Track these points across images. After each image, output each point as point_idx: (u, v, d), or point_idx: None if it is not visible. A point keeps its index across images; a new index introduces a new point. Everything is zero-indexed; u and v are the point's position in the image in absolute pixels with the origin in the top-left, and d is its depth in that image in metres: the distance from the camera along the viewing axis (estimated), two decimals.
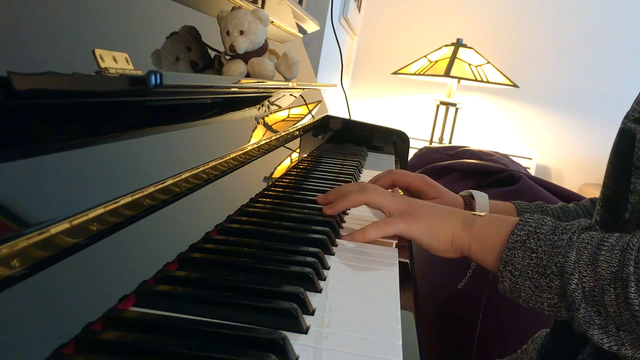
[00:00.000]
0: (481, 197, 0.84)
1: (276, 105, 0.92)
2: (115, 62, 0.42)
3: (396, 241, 0.63)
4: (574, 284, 0.50)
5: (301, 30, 1.28)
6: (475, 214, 0.62)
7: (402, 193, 0.88)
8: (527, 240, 0.54)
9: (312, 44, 1.78)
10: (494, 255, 0.57)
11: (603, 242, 0.51)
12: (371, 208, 0.75)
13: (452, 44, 2.66)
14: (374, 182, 0.84)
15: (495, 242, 0.57)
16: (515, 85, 2.63)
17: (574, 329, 0.53)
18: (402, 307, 0.45)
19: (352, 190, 0.66)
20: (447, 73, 2.54)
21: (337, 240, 0.60)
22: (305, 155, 1.08)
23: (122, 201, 0.38)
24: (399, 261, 0.57)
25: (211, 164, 0.55)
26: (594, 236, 0.53)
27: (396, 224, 0.61)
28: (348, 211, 0.74)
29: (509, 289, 0.55)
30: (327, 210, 0.65)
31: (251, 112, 0.76)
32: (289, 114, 1.00)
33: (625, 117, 0.67)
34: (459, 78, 2.56)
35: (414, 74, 2.69)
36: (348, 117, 1.61)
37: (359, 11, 2.79)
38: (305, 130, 1.13)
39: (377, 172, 1.08)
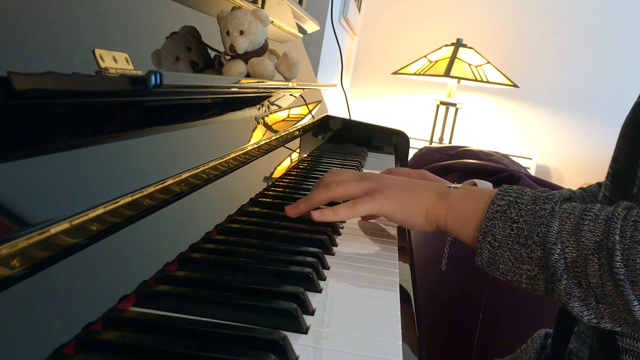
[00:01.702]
0: (484, 186, 0.84)
1: (276, 105, 0.92)
2: (115, 62, 0.42)
3: (396, 241, 0.63)
4: (556, 254, 0.49)
5: (301, 30, 1.28)
6: (450, 186, 0.60)
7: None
8: (508, 210, 0.53)
9: (312, 44, 1.78)
10: (472, 227, 0.56)
11: (586, 212, 0.50)
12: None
13: (452, 44, 2.66)
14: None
15: (473, 213, 0.56)
16: (515, 85, 2.63)
17: (552, 301, 0.52)
18: (402, 307, 0.45)
19: (317, 190, 0.63)
20: (447, 73, 2.54)
21: (336, 237, 0.60)
22: (305, 155, 1.08)
23: (122, 201, 0.38)
24: (399, 261, 0.57)
25: (211, 164, 0.55)
26: (576, 206, 0.52)
27: (367, 204, 0.59)
28: None
29: (486, 261, 0.54)
30: (289, 210, 0.62)
31: (251, 112, 0.76)
32: (289, 114, 1.00)
33: None
34: (459, 78, 2.56)
35: (414, 74, 2.69)
36: (348, 117, 1.61)
37: (359, 11, 2.79)
38: (305, 130, 1.13)
39: (377, 172, 1.08)
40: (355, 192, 0.61)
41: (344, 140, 1.42)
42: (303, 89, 1.02)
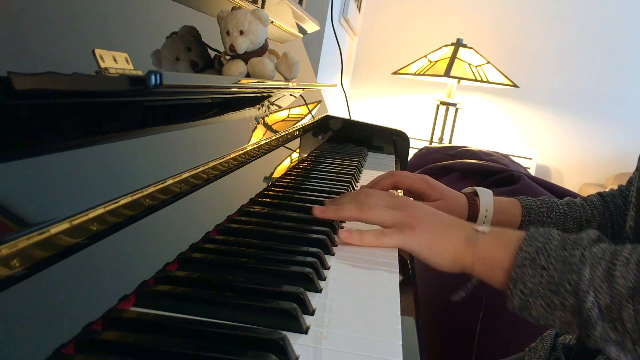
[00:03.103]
0: (485, 194, 0.83)
1: (276, 105, 0.92)
2: (115, 62, 0.42)
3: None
4: (589, 301, 0.49)
5: (301, 30, 1.28)
6: (478, 230, 0.59)
7: (402, 193, 0.88)
8: (537, 257, 0.52)
9: (312, 44, 1.78)
10: (501, 273, 0.55)
11: (616, 256, 0.50)
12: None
13: (452, 44, 2.66)
14: (376, 184, 0.83)
15: (502, 260, 0.55)
16: (515, 85, 2.63)
17: (588, 346, 0.51)
18: (402, 307, 0.45)
19: (349, 204, 0.63)
20: (447, 73, 2.54)
21: (336, 239, 0.60)
22: (305, 155, 1.08)
23: (122, 201, 0.38)
24: (399, 261, 0.57)
25: (211, 164, 0.55)
26: (605, 250, 0.51)
27: (394, 237, 0.59)
28: None
29: (518, 307, 0.53)
30: (317, 211, 0.62)
31: (251, 112, 0.76)
32: (289, 114, 1.00)
33: None
34: (459, 78, 2.56)
35: (414, 74, 2.69)
36: (348, 117, 1.61)
37: (359, 11, 2.79)
38: (305, 130, 1.13)
39: (377, 172, 1.08)
40: (386, 220, 0.60)
41: (344, 140, 1.42)
42: (303, 89, 1.02)
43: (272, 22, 0.96)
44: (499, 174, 1.44)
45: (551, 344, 0.77)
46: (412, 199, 0.64)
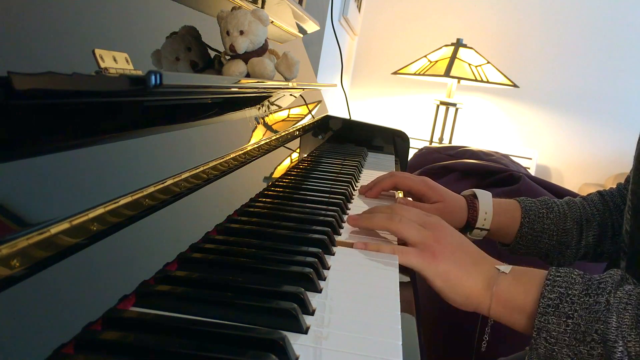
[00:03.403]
0: (484, 196, 0.83)
1: (276, 105, 0.92)
2: (115, 62, 0.42)
3: (396, 241, 0.63)
4: (619, 351, 0.48)
5: (301, 30, 1.28)
6: (499, 269, 0.57)
7: (401, 194, 0.88)
8: (560, 305, 0.51)
9: (312, 44, 1.78)
10: (523, 317, 0.54)
11: None
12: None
13: (452, 44, 2.66)
14: (376, 185, 0.83)
15: (523, 304, 0.54)
16: (515, 85, 2.63)
17: None
18: (402, 307, 0.45)
19: (380, 214, 0.63)
20: (447, 73, 2.54)
21: (336, 237, 0.60)
22: (305, 155, 1.08)
23: (122, 201, 0.38)
24: (399, 261, 0.57)
25: (211, 164, 0.55)
26: (631, 294, 0.50)
27: (412, 259, 0.57)
28: (348, 210, 0.74)
29: (543, 354, 0.52)
30: (350, 220, 0.63)
31: (251, 112, 0.76)
32: (289, 114, 1.00)
33: None
34: (459, 78, 2.56)
35: (414, 74, 2.69)
36: (348, 117, 1.61)
37: (359, 11, 2.79)
38: (305, 130, 1.13)
39: (377, 172, 1.08)
40: (411, 238, 0.59)
41: (344, 140, 1.42)
42: (303, 89, 1.02)
43: (272, 22, 0.96)
44: (499, 174, 1.44)
45: None
46: (445, 222, 0.62)
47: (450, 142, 2.75)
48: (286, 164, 0.90)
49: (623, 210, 0.79)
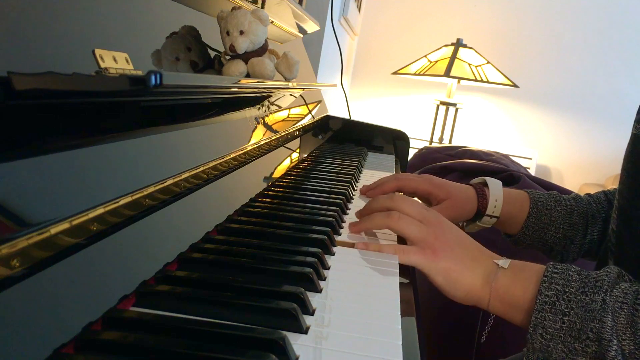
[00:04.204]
0: (495, 184, 0.83)
1: (276, 105, 0.92)
2: (115, 62, 0.42)
3: (396, 241, 0.63)
4: (613, 350, 0.48)
5: (301, 30, 1.28)
6: (498, 264, 0.58)
7: (401, 193, 0.88)
8: (557, 302, 0.52)
9: (312, 44, 1.78)
10: (520, 313, 0.55)
11: (639, 299, 0.49)
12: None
13: (452, 44, 2.66)
14: (378, 187, 0.83)
15: (521, 300, 0.55)
16: (515, 85, 2.63)
17: None
18: (402, 307, 0.45)
19: (378, 213, 0.63)
20: (447, 73, 2.54)
21: (336, 237, 0.60)
22: (305, 155, 1.08)
23: (122, 201, 0.38)
24: (399, 261, 0.57)
25: (211, 164, 0.55)
26: (627, 292, 0.51)
27: (413, 257, 0.57)
28: (348, 210, 0.74)
29: (539, 349, 0.53)
30: (351, 228, 0.63)
31: (251, 112, 0.76)
32: (289, 114, 1.00)
33: (637, 122, 0.65)
34: (459, 78, 2.56)
35: (414, 74, 2.69)
36: (348, 117, 1.61)
37: (359, 11, 2.79)
38: (305, 130, 1.13)
39: (377, 172, 1.08)
40: (411, 235, 0.59)
41: (344, 140, 1.42)
42: (303, 89, 1.02)
43: (272, 22, 0.96)
44: (499, 174, 1.44)
45: None
46: (443, 217, 0.62)
47: (450, 142, 2.75)
48: (286, 164, 0.90)
49: None
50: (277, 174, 0.83)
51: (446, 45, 2.69)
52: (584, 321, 0.50)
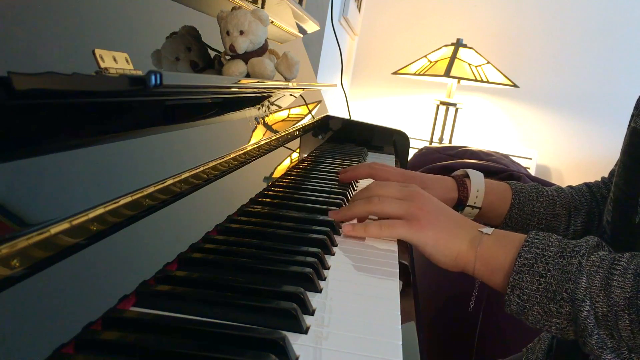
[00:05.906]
0: (476, 175, 0.83)
1: (276, 105, 0.92)
2: (115, 62, 0.42)
3: (396, 241, 0.63)
4: (585, 310, 0.49)
5: (301, 30, 1.28)
6: (482, 232, 0.59)
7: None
8: (535, 264, 0.53)
9: (312, 44, 1.78)
10: (501, 276, 0.56)
11: (614, 266, 0.50)
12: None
13: (452, 44, 2.66)
14: (352, 170, 0.83)
15: (503, 263, 0.56)
16: (515, 85, 2.63)
17: (584, 351, 0.52)
18: (402, 307, 0.45)
19: (359, 200, 0.64)
20: (447, 73, 2.54)
21: (336, 237, 0.60)
22: (305, 155, 1.08)
23: (122, 201, 0.38)
24: (399, 261, 0.57)
25: (211, 164, 0.55)
26: (604, 258, 0.51)
27: (399, 229, 0.59)
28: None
29: (515, 311, 0.54)
30: (331, 214, 0.64)
31: (251, 112, 0.76)
32: (289, 114, 1.00)
33: (635, 115, 0.65)
34: (459, 78, 2.56)
35: (414, 74, 2.69)
36: (348, 117, 1.61)
37: (359, 11, 2.79)
38: (305, 130, 1.13)
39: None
40: (394, 211, 0.61)
41: (344, 140, 1.42)
42: (303, 89, 1.02)
43: (272, 22, 0.96)
44: (499, 174, 1.44)
45: (548, 344, 0.77)
46: (423, 190, 0.64)
47: (450, 142, 2.75)
48: (286, 164, 0.90)
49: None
50: (277, 174, 0.82)
51: (446, 45, 2.69)
52: (559, 282, 0.51)
